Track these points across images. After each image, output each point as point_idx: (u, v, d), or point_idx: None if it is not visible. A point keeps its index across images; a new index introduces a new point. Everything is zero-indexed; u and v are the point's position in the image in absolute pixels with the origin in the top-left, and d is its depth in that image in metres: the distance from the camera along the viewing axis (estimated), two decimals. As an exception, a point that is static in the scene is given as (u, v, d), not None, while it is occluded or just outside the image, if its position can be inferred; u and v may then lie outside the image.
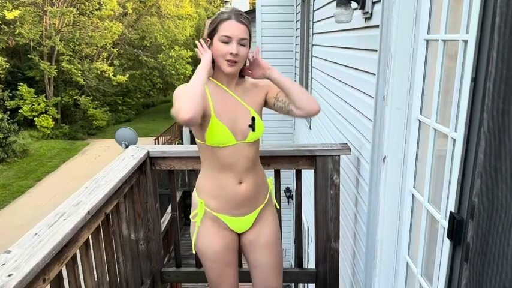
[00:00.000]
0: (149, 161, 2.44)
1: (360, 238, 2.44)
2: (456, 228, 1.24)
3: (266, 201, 2.04)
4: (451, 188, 1.30)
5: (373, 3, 2.14)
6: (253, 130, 1.84)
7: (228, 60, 1.75)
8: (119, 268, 2.16)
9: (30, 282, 1.22)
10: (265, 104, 1.96)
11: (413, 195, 1.90)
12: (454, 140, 1.46)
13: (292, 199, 6.95)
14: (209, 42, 1.81)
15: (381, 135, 1.98)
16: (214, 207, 1.93)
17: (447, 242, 1.31)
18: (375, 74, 2.05)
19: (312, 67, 4.67)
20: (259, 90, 1.93)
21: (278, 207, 2.23)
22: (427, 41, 1.75)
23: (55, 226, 1.49)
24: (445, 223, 1.51)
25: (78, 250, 1.65)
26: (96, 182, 1.93)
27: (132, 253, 2.37)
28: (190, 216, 2.02)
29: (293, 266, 6.67)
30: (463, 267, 1.27)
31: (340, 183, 2.48)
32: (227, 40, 1.73)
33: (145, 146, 2.49)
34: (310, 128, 4.87)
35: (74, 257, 1.60)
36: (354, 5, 2.27)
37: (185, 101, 1.60)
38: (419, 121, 1.82)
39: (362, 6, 2.21)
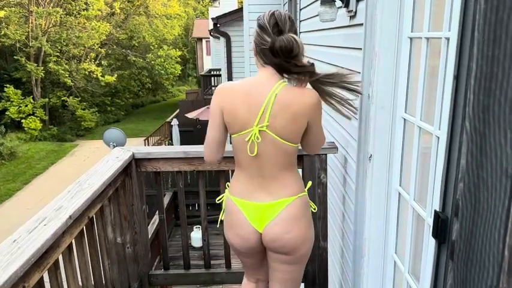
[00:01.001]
0: (134, 163, 2.41)
1: (348, 237, 2.44)
2: (441, 227, 1.24)
3: None
4: (436, 186, 1.29)
5: (357, 1, 2.13)
6: None
7: None
8: (105, 272, 2.13)
9: (8, 291, 1.19)
10: None
11: (399, 193, 1.90)
12: (438, 138, 1.45)
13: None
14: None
15: (367, 134, 1.98)
16: None
17: (432, 241, 1.30)
18: (360, 73, 2.04)
19: (299, 66, 4.65)
20: None
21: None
22: (411, 38, 1.74)
23: (35, 232, 1.45)
24: (431, 221, 1.51)
25: (60, 255, 1.61)
26: (79, 185, 1.89)
27: (118, 256, 2.34)
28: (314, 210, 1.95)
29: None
30: (448, 265, 1.27)
31: (327, 182, 2.47)
32: None
33: (130, 148, 2.46)
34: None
35: (56, 263, 1.57)
36: (338, 3, 2.25)
37: None
38: (404, 119, 1.82)
39: (346, 5, 2.20)
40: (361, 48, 2.01)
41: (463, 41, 1.13)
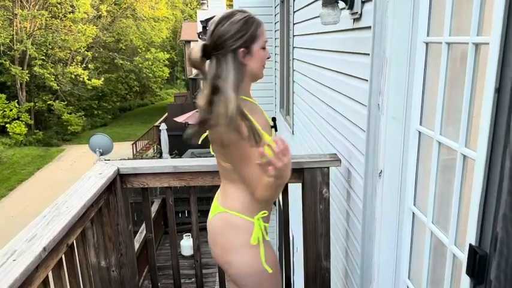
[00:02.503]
0: (119, 179, 2.20)
1: (353, 257, 2.26)
2: (479, 265, 1.06)
3: None
4: (471, 216, 1.11)
5: (363, 2, 1.96)
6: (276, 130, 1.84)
7: (263, 66, 1.64)
8: (87, 302, 1.92)
9: None
10: None
11: (413, 213, 1.72)
12: (464, 156, 1.28)
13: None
14: (245, 52, 1.53)
15: (376, 148, 1.80)
16: (264, 219, 1.71)
17: (466, 279, 1.13)
18: (367, 80, 1.86)
19: (293, 70, 4.49)
20: None
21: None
22: (427, 43, 1.57)
23: (2, 270, 1.24)
24: (455, 249, 1.34)
25: (34, 292, 1.41)
26: (56, 208, 1.68)
27: (103, 282, 2.14)
28: (252, 242, 1.66)
29: None
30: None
31: (330, 197, 2.29)
32: (265, 45, 1.61)
33: (115, 162, 2.25)
34: (293, 133, 4.69)
35: (28, 302, 1.36)
36: (341, 4, 2.08)
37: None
38: (419, 132, 1.64)
39: (350, 6, 2.02)
40: (368, 54, 1.84)
41: (506, 47, 0.95)
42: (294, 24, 4.32)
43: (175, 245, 2.47)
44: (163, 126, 14.15)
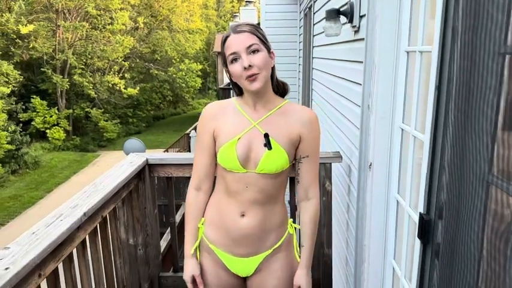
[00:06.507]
0: (148, 168, 2.54)
1: (350, 244, 2.50)
2: (425, 229, 1.31)
3: (276, 246, 1.69)
4: (421, 188, 1.37)
5: (361, 17, 2.23)
6: (270, 148, 1.56)
7: (247, 78, 1.50)
8: (116, 270, 2.25)
9: (25, 276, 1.31)
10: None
11: (397, 200, 1.97)
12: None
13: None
14: (228, 74, 1.60)
15: (367, 143, 2.06)
16: (211, 238, 1.72)
17: (418, 242, 1.38)
18: (361, 84, 2.13)
19: (312, 79, 4.77)
20: (294, 123, 1.62)
21: (298, 259, 1.75)
22: (408, 52, 1.84)
23: (52, 226, 1.58)
24: (422, 226, 1.58)
25: (74, 249, 1.74)
26: (94, 186, 2.03)
27: (130, 257, 2.46)
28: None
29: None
30: (433, 265, 1.34)
31: (332, 190, 2.55)
32: (235, 57, 1.51)
33: (144, 154, 2.59)
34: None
35: (71, 256, 1.69)
36: (343, 19, 2.36)
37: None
38: (402, 129, 1.90)
39: (350, 20, 2.30)
40: (362, 62, 2.11)
41: (443, 54, 1.22)
42: (313, 36, 4.62)
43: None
44: (193, 134, 14.63)
